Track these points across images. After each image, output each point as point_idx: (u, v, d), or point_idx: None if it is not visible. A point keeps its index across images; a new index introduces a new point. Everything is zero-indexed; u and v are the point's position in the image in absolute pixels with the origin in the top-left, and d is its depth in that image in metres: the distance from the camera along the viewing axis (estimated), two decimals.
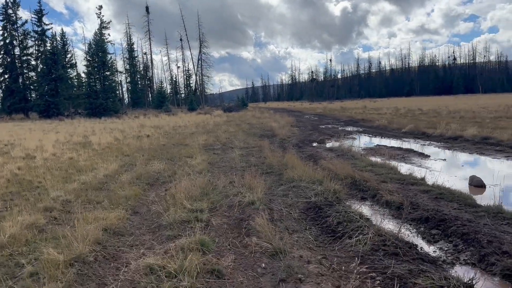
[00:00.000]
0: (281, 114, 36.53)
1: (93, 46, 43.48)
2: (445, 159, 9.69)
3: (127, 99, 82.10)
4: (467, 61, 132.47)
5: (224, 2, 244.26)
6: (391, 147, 11.62)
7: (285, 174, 7.30)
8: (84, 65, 45.87)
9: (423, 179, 6.87)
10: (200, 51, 70.99)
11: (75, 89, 53.67)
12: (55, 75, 45.23)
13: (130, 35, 74.75)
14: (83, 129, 23.33)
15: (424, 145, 12.19)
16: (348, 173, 6.95)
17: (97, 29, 46.96)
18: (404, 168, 8.20)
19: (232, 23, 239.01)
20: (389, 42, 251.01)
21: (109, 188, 7.14)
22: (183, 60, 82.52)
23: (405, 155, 10.06)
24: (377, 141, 13.67)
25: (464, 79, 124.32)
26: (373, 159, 9.17)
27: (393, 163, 8.42)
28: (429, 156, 9.98)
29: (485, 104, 39.21)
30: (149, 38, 75.89)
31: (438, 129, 14.15)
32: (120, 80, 78.94)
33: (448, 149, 11.14)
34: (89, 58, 44.10)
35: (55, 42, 47.53)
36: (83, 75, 53.16)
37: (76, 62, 61.42)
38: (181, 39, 77.39)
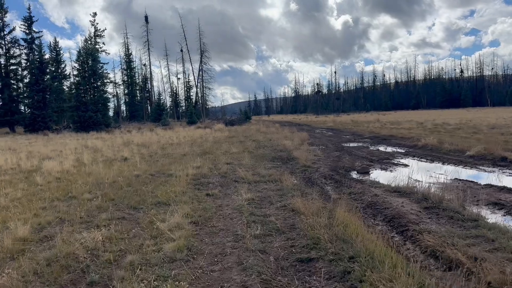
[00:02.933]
0: (289, 128, 32.48)
1: (83, 53, 39.71)
2: None
3: (124, 112, 78.56)
4: (473, 74, 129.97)
5: (225, 16, 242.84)
6: (503, 188, 7.15)
7: None
8: (73, 74, 42.06)
9: None
10: (201, 62, 67.47)
11: (67, 101, 49.86)
12: (42, 85, 41.49)
13: (128, 45, 71.50)
14: (54, 147, 19.29)
15: None
16: None
17: (88, 35, 43.26)
18: None
19: (233, 37, 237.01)
20: (391, 56, 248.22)
21: None
22: (184, 72, 79.03)
23: None
24: (448, 171, 9.50)
25: (472, 92, 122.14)
26: None
27: None
28: None
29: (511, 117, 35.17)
30: (148, 49, 72.53)
31: None
32: (117, 92, 75.55)
33: None
34: (78, 66, 40.28)
35: (43, 51, 43.67)
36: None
37: (70, 73, 57.71)
38: (181, 50, 73.99)
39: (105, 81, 46.17)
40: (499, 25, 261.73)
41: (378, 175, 9.22)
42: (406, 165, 10.60)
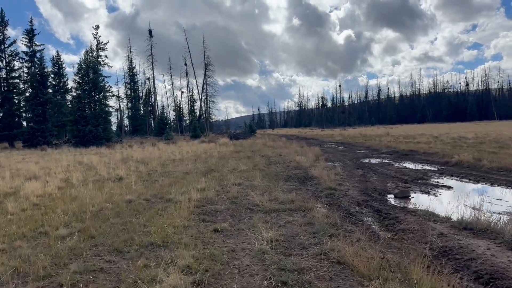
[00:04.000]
0: (298, 143, 30.87)
1: (83, 66, 38.52)
2: None
3: (128, 126, 77.37)
4: (479, 87, 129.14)
5: (229, 32, 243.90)
6: None
7: None
8: (73, 87, 40.88)
9: None
10: (205, 75, 66.32)
11: (67, 115, 48.56)
12: (42, 99, 40.24)
13: (131, 58, 70.72)
14: (47, 164, 17.75)
15: None
16: None
17: (89, 47, 42.18)
18: None
19: (237, 52, 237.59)
20: (393, 70, 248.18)
21: None
22: (188, 86, 77.92)
23: None
24: (507, 195, 7.84)
25: (478, 105, 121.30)
26: None
27: None
28: None
29: None
30: (152, 62, 71.53)
31: None
32: (121, 106, 74.45)
33: None
34: (78, 79, 39.04)
35: (44, 64, 42.57)
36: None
37: (72, 87, 56.62)
38: (185, 64, 73.04)
39: (106, 94, 44.88)
40: (501, 39, 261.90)
41: (422, 200, 7.57)
42: (449, 187, 8.94)
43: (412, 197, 7.92)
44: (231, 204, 7.51)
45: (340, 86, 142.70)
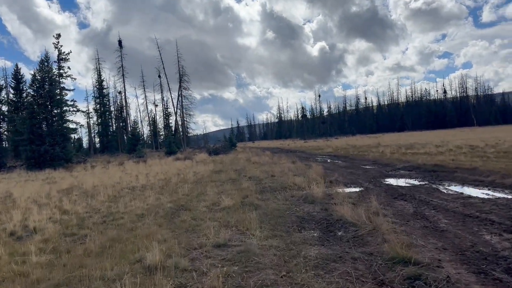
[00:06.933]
0: (286, 157, 26.76)
1: (38, 77, 33.56)
2: None
3: (98, 144, 71.63)
4: (457, 94, 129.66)
5: (204, 45, 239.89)
6: None
7: None
8: (26, 101, 35.74)
9: None
10: (180, 86, 61.81)
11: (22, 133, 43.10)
12: None
13: (99, 70, 65.40)
14: None
15: None
16: None
17: (44, 56, 37.17)
18: None
19: (213, 65, 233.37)
20: (367, 80, 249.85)
21: None
22: (162, 99, 73.03)
23: None
24: None
25: (457, 112, 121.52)
26: None
27: None
28: None
29: None
30: (123, 75, 66.60)
31: None
32: (90, 123, 68.86)
33: None
34: (32, 92, 33.99)
35: None
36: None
37: (26, 102, 51.05)
38: (159, 76, 68.25)
39: (66, 109, 39.82)
40: (470, 48, 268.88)
41: None
42: None
43: None
44: None
45: (319, 96, 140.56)
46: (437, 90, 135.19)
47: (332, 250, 5.19)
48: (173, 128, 69.32)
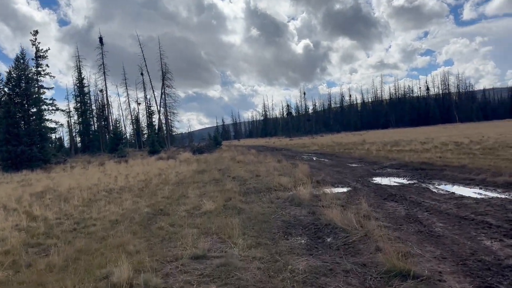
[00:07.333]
0: (272, 155, 26.31)
1: (14, 74, 32.31)
2: None
3: (80, 143, 69.93)
4: (440, 91, 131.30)
5: (188, 42, 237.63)
6: None
7: None
8: (3, 100, 34.43)
9: None
10: (163, 84, 60.71)
11: None
12: None
13: (80, 68, 63.80)
14: None
15: None
16: None
17: (19, 53, 35.85)
18: None
19: (197, 63, 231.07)
20: (351, 78, 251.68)
21: None
22: (145, 97, 71.75)
23: None
24: None
25: (440, 109, 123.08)
26: None
27: None
28: None
29: None
30: (104, 73, 64.95)
31: None
32: (70, 122, 67.21)
33: None
34: (7, 91, 32.72)
35: None
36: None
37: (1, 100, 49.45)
38: (142, 73, 66.79)
39: (45, 107, 38.57)
40: (452, 45, 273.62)
41: None
42: None
43: None
44: None
45: (304, 94, 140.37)
46: (420, 88, 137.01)
47: (322, 261, 4.71)
48: (156, 127, 68.29)
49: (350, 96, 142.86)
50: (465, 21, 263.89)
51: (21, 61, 33.86)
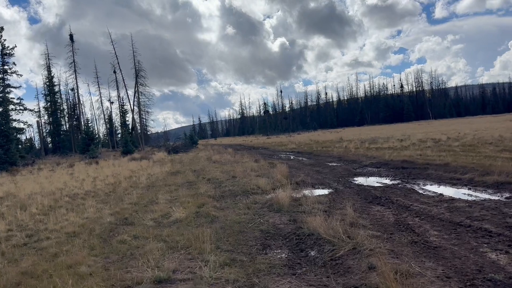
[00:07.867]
0: (249, 155, 25.59)
1: None
2: None
3: (51, 144, 67.25)
4: (413, 89, 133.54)
5: (163, 40, 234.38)
6: None
7: None
8: None
9: None
10: (136, 82, 59.01)
11: None
12: None
13: (50, 66, 61.19)
14: None
15: None
16: None
17: None
18: None
19: (172, 61, 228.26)
20: (327, 76, 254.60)
21: None
22: (118, 96, 69.64)
23: None
24: None
25: (414, 106, 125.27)
26: None
27: None
28: None
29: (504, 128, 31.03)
30: (75, 71, 62.61)
31: None
32: (41, 122, 64.52)
33: None
34: None
35: None
36: None
37: None
38: (114, 72, 64.75)
39: (10, 107, 36.58)
40: (424, 43, 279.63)
41: None
42: None
43: None
44: None
45: (281, 92, 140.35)
46: (394, 85, 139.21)
47: (306, 283, 4.02)
48: (130, 126, 66.39)
49: (326, 94, 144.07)
50: (437, 19, 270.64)
51: None
